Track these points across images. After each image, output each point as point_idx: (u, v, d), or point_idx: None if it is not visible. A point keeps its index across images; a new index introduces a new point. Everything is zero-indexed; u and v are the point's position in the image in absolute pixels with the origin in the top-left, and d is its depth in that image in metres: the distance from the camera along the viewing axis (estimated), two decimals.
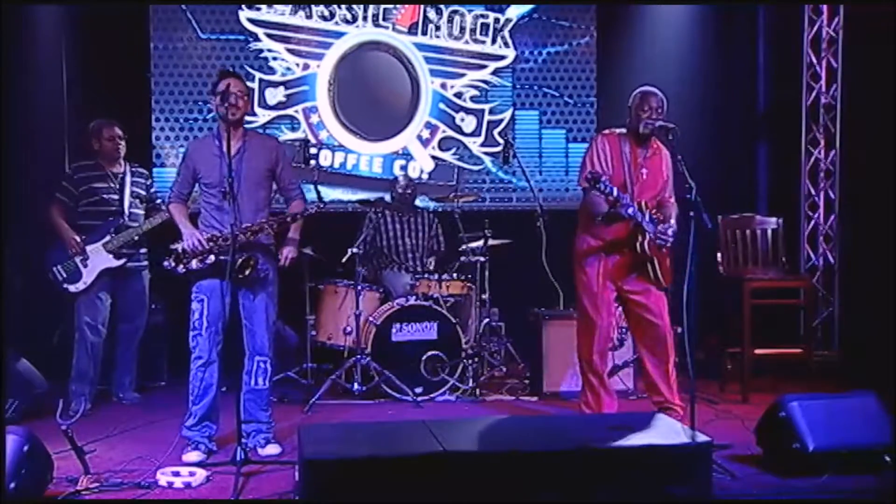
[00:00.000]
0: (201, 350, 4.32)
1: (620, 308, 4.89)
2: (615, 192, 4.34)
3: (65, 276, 5.24)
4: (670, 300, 4.69)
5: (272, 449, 4.42)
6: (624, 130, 4.67)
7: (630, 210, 4.40)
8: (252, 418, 4.42)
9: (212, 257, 4.30)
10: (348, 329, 5.67)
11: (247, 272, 4.27)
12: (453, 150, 7.13)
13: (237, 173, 4.19)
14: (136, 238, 5.33)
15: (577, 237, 4.74)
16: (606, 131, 4.73)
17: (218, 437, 4.44)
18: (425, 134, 7.09)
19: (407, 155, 7.07)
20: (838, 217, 6.87)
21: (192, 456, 4.24)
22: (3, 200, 5.58)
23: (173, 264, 4.36)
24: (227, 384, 4.61)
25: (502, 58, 7.16)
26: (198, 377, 4.32)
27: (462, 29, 7.10)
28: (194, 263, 4.31)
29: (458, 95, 7.11)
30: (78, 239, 5.23)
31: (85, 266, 5.24)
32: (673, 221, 4.60)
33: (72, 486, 3.74)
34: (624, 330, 5.43)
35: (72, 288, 5.24)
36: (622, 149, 4.61)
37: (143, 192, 5.52)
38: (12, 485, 3.36)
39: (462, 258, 6.07)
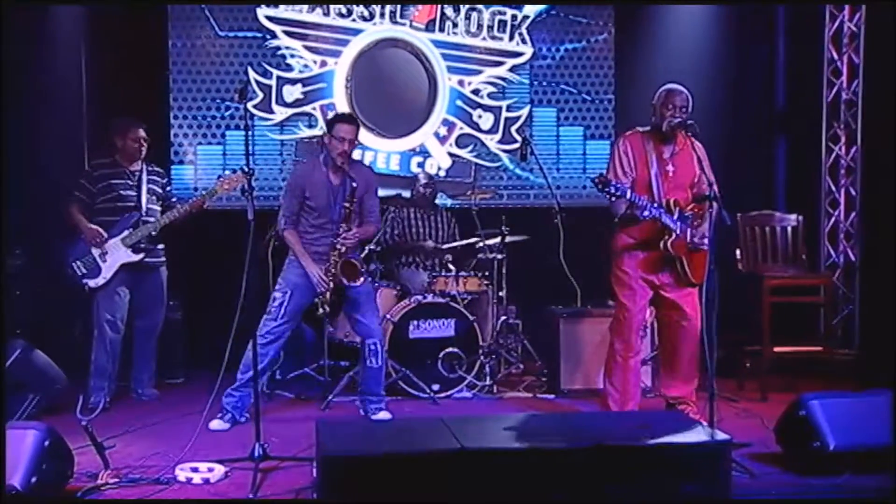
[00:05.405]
0: (267, 332, 4.80)
1: (652, 306, 4.84)
2: (628, 195, 4.31)
3: (84, 271, 5.26)
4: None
5: (383, 415, 4.97)
6: (647, 128, 4.62)
7: (646, 213, 4.35)
8: (368, 391, 5.03)
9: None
10: None
11: (359, 281, 4.88)
12: (470, 147, 7.11)
13: (339, 197, 4.82)
14: (154, 233, 5.35)
15: (614, 234, 4.70)
16: (628, 132, 4.68)
17: (237, 435, 4.51)
18: (442, 131, 7.08)
19: (424, 152, 7.07)
20: (859, 214, 6.81)
21: (215, 424, 4.73)
22: (4, 200, 5.59)
23: (324, 310, 4.93)
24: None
25: (520, 54, 7.14)
26: (249, 352, 4.52)
27: (479, 26, 7.08)
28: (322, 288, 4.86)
29: (476, 92, 7.10)
30: (100, 229, 5.25)
31: (104, 261, 5.26)
32: (706, 225, 4.45)
33: (92, 481, 3.76)
34: (644, 327, 5.37)
35: (91, 283, 5.27)
36: (645, 148, 4.56)
37: (160, 191, 5.54)
38: (34, 479, 3.38)
39: (479, 255, 6.06)
